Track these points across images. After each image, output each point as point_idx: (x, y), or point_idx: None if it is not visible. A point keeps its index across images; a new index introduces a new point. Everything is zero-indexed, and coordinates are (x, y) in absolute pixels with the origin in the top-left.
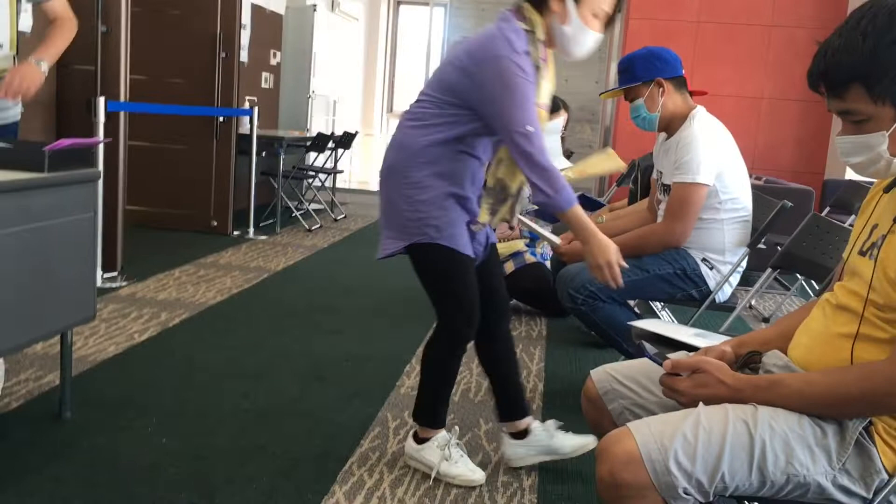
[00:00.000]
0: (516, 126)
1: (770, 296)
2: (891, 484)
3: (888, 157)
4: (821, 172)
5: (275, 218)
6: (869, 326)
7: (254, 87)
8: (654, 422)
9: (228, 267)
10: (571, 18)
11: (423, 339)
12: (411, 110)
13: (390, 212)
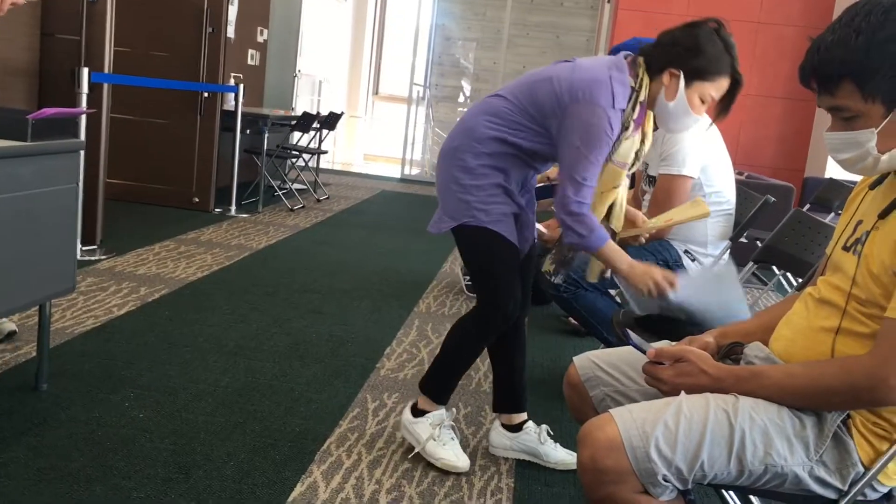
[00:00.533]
0: (575, 172)
1: (748, 290)
2: (866, 477)
3: (876, 154)
4: (801, 170)
5: (257, 196)
6: (851, 321)
7: (240, 64)
8: (637, 409)
9: (209, 244)
10: (678, 97)
11: (404, 321)
12: (491, 103)
13: (443, 191)
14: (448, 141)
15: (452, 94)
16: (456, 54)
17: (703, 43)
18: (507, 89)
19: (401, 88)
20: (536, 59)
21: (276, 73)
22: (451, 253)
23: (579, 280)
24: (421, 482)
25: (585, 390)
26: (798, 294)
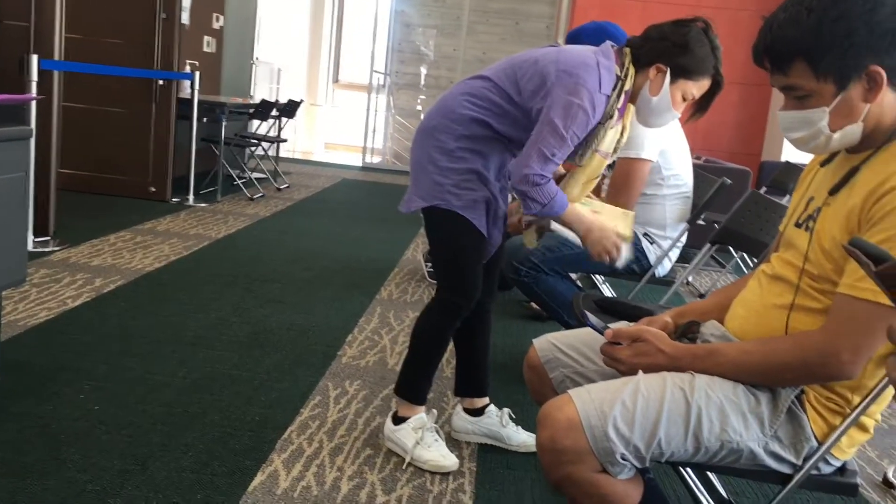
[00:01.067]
0: (545, 146)
1: (706, 273)
2: (820, 451)
3: (828, 132)
4: (758, 154)
5: (216, 186)
6: (804, 297)
7: (195, 51)
8: (595, 389)
9: (167, 234)
10: (663, 92)
11: (365, 309)
12: (472, 84)
13: (418, 170)
14: (426, 119)
15: (413, 82)
16: (416, 41)
17: (693, 42)
18: (491, 71)
19: (361, 76)
20: (496, 46)
21: (233, 61)
22: (413, 240)
23: (540, 265)
24: (383, 468)
25: (545, 372)
26: (753, 273)
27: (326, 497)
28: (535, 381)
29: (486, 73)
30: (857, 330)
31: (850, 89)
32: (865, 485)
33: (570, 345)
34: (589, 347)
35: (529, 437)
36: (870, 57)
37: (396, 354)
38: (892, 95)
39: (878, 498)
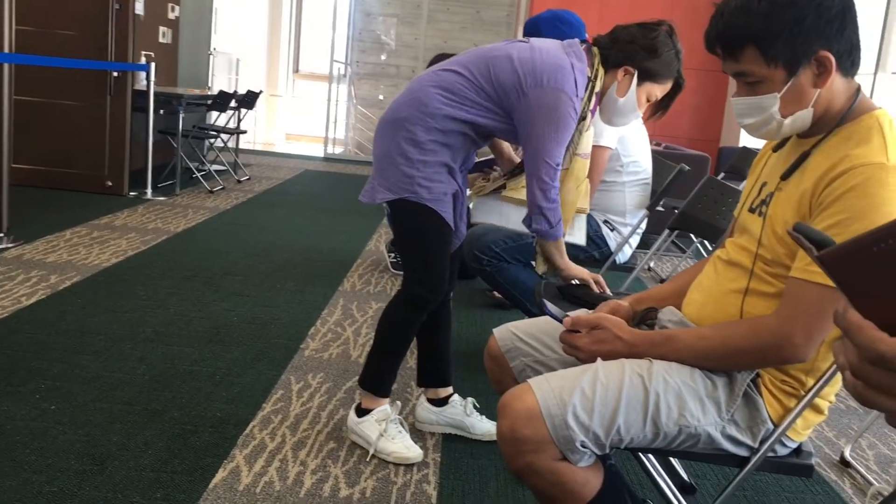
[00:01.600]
0: (549, 157)
1: (667, 258)
2: (776, 433)
3: (779, 118)
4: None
5: (174, 179)
6: (758, 281)
7: (150, 42)
8: (554, 377)
9: (124, 228)
10: (629, 94)
11: (328, 301)
12: (444, 77)
13: (385, 161)
14: (394, 111)
15: (374, 71)
16: (376, 30)
17: (660, 46)
18: (459, 64)
19: (321, 66)
20: (457, 34)
21: (190, 51)
22: (375, 231)
23: (502, 253)
24: (347, 461)
25: (506, 361)
26: (709, 258)
27: (289, 492)
28: (495, 371)
29: (457, 66)
30: (809, 313)
31: (800, 75)
32: (823, 464)
33: (530, 333)
34: (549, 336)
35: (493, 425)
36: (819, 43)
37: (360, 346)
38: (842, 80)
39: (836, 477)
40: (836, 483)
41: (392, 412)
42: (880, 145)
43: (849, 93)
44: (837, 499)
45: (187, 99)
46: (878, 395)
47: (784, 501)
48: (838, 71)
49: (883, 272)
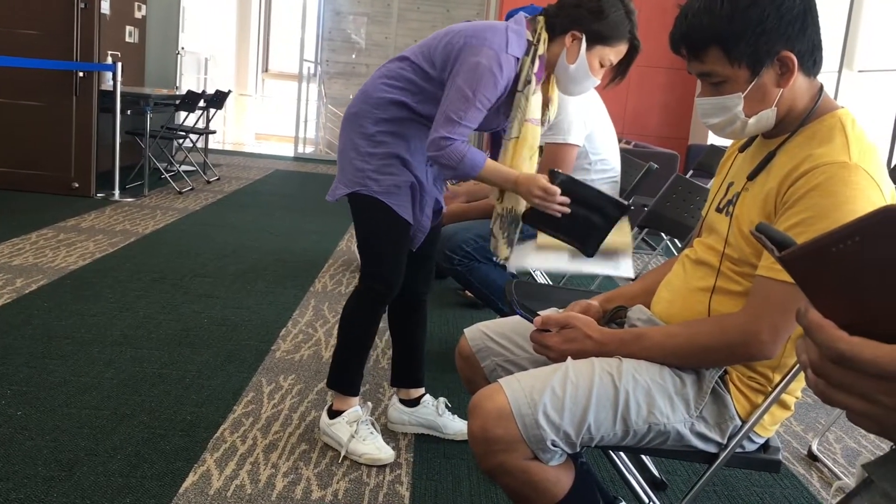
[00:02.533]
0: (453, 111)
1: (638, 255)
2: (743, 429)
3: (744, 118)
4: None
5: (142, 180)
6: (725, 280)
7: (117, 42)
8: (525, 377)
9: (91, 231)
10: (580, 59)
11: (299, 302)
12: (389, 67)
13: (342, 157)
14: (349, 107)
15: (345, 70)
16: (347, 29)
17: (607, 7)
18: (409, 51)
19: (291, 65)
20: (428, 33)
21: (158, 51)
22: (347, 231)
23: (473, 253)
24: (319, 463)
25: (477, 361)
26: (678, 257)
27: (261, 495)
28: (466, 371)
29: (405, 53)
30: (775, 311)
31: (764, 75)
32: (791, 458)
33: (500, 333)
34: (519, 335)
35: (465, 425)
36: (781, 42)
37: (331, 347)
38: (804, 80)
39: (804, 471)
40: (804, 477)
41: (364, 413)
42: (842, 144)
43: (811, 92)
44: (805, 492)
45: (155, 99)
46: (839, 393)
47: (753, 496)
48: (801, 70)
49: (842, 272)
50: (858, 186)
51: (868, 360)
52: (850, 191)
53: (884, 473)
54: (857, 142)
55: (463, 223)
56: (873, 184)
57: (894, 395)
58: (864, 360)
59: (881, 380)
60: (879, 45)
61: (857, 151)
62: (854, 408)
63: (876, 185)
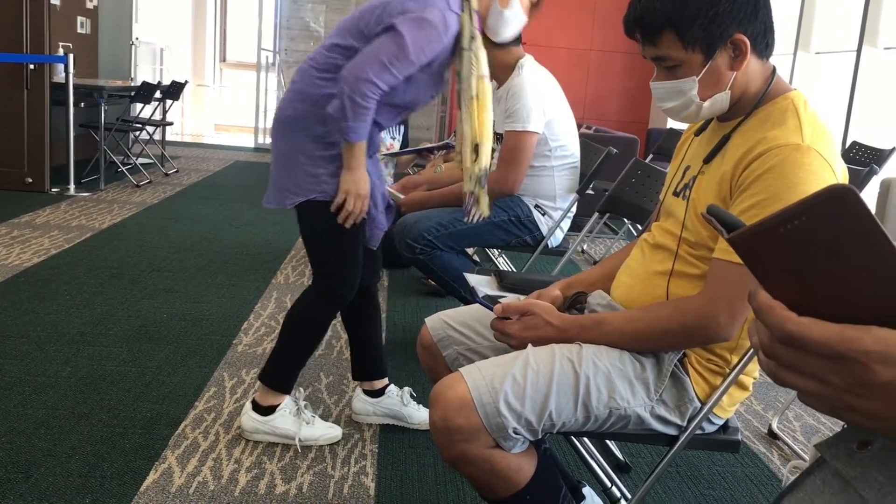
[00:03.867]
0: (385, 55)
1: (600, 240)
2: (703, 411)
3: (698, 101)
4: (645, 122)
5: (98, 174)
6: (683, 263)
7: (68, 33)
8: (486, 365)
9: (46, 226)
10: (513, 3)
11: (261, 295)
12: (316, 59)
13: (288, 162)
14: (284, 108)
15: (303, 59)
16: (305, 17)
17: None
18: (336, 34)
19: (249, 55)
20: None
21: (111, 42)
22: None
23: (435, 241)
24: (283, 457)
25: (438, 350)
26: (636, 241)
27: (224, 491)
28: (428, 361)
29: (333, 38)
30: (731, 293)
31: (717, 58)
32: (752, 437)
33: (462, 322)
34: (481, 323)
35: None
36: (734, 26)
37: None
38: (757, 63)
39: (764, 449)
40: (765, 455)
41: (299, 398)
42: (795, 126)
43: (764, 75)
44: (766, 470)
45: (109, 91)
46: (790, 373)
47: (715, 475)
48: (753, 53)
49: (789, 253)
50: (811, 168)
51: (817, 341)
52: (803, 173)
53: (835, 453)
54: (810, 124)
55: (424, 212)
56: (826, 165)
57: (843, 375)
58: (813, 340)
59: (830, 360)
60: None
61: (810, 133)
62: (805, 388)
63: (829, 166)
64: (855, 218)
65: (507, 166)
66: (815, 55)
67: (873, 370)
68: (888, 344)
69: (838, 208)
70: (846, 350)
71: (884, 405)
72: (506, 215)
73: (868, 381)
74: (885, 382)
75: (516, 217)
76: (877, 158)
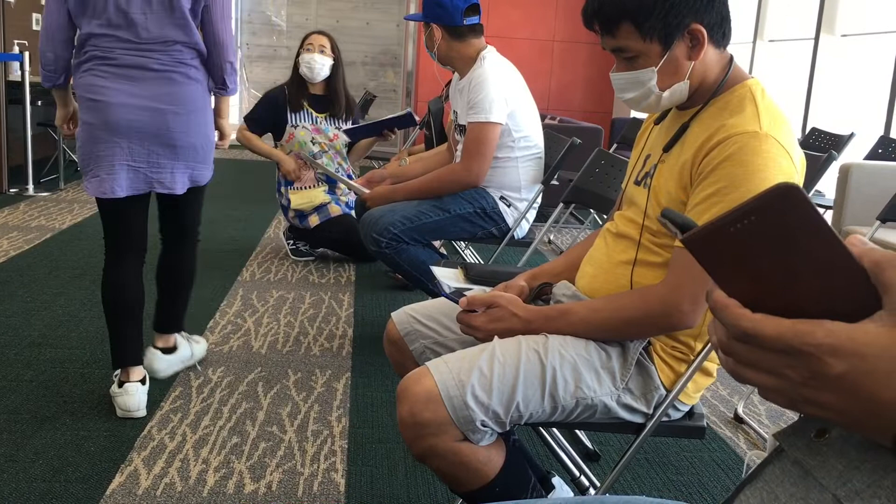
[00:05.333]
0: (228, 36)
1: (566, 230)
2: (668, 399)
3: (658, 91)
4: (609, 112)
5: (57, 173)
6: (645, 252)
7: (24, 30)
8: (452, 359)
9: (5, 227)
10: None
11: (227, 292)
12: (168, 62)
13: (207, 148)
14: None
15: (267, 54)
16: (266, 11)
17: None
18: (157, 33)
19: None
20: (349, 14)
21: None
22: (274, 218)
23: (400, 235)
24: (251, 455)
25: (405, 345)
26: (599, 231)
27: (192, 492)
28: (395, 355)
29: (164, 37)
30: (694, 281)
31: (675, 48)
32: (718, 422)
33: (428, 315)
34: (447, 316)
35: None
36: (690, 16)
37: (261, 337)
38: (715, 52)
39: (731, 434)
40: (731, 439)
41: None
42: (753, 114)
43: (722, 64)
44: (732, 454)
45: None
46: (748, 370)
47: (683, 460)
48: (711, 43)
49: (741, 251)
50: (769, 155)
51: (770, 336)
52: (761, 160)
53: (794, 442)
54: (767, 111)
55: (389, 206)
56: (784, 152)
57: (798, 369)
58: (767, 335)
59: (785, 354)
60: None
61: (768, 121)
62: (763, 384)
63: (786, 152)
64: (801, 214)
65: (471, 158)
66: (773, 43)
67: (826, 363)
68: (838, 337)
69: (784, 205)
70: (799, 344)
71: (838, 397)
72: (471, 207)
73: (821, 373)
74: (838, 374)
75: (482, 209)
76: (835, 144)
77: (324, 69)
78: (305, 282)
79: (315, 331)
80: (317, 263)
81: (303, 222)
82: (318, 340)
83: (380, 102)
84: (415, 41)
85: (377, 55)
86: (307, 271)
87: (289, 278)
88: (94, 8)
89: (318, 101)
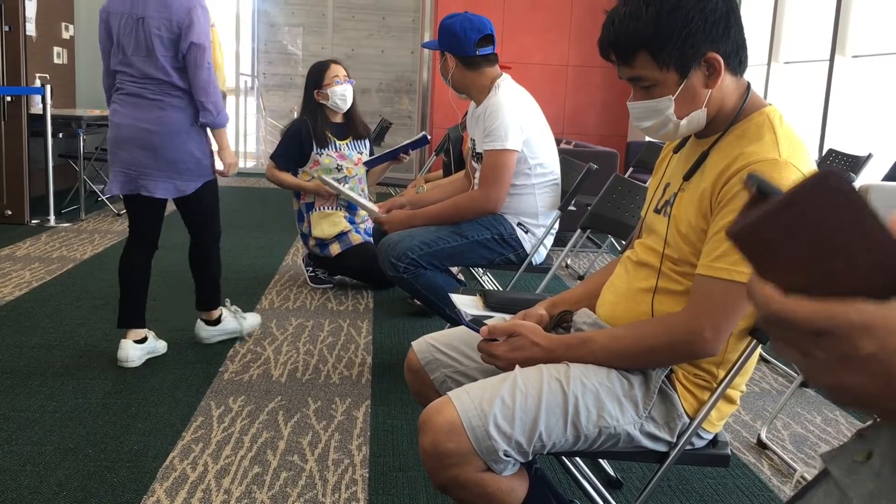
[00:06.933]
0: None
1: (584, 254)
2: (692, 427)
3: (675, 119)
4: (624, 135)
5: (78, 204)
6: (666, 280)
7: (45, 63)
8: (474, 388)
9: (27, 259)
10: None
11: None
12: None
13: (189, 162)
14: (155, 127)
15: (283, 83)
16: (283, 41)
17: None
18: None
19: (228, 79)
20: (364, 42)
21: (89, 71)
22: (292, 245)
23: (418, 260)
24: (272, 485)
25: (426, 374)
26: (620, 258)
27: None
28: (416, 384)
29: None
30: (715, 308)
31: (692, 77)
32: (742, 448)
33: (448, 344)
34: (468, 345)
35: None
36: (706, 44)
37: (281, 365)
38: (731, 80)
39: (754, 459)
40: (755, 465)
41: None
42: (772, 141)
43: (739, 91)
44: (757, 480)
45: (87, 120)
46: (782, 347)
47: (707, 488)
48: (727, 70)
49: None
50: (789, 182)
51: (800, 318)
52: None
53: (839, 463)
54: (786, 138)
55: (407, 231)
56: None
57: (827, 350)
58: (796, 318)
59: (815, 335)
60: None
61: (787, 148)
62: (795, 361)
63: None
64: (843, 196)
65: (489, 185)
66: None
67: (856, 342)
68: (870, 315)
69: (826, 189)
70: (829, 325)
71: (869, 378)
72: (489, 233)
73: (851, 353)
74: (868, 354)
75: (499, 235)
76: (853, 165)
77: (351, 96)
78: (324, 309)
79: (334, 359)
80: (335, 291)
81: (324, 251)
82: (338, 368)
83: (395, 129)
84: (430, 67)
85: (392, 82)
86: (325, 299)
87: (307, 306)
88: (115, 52)
89: (338, 128)
